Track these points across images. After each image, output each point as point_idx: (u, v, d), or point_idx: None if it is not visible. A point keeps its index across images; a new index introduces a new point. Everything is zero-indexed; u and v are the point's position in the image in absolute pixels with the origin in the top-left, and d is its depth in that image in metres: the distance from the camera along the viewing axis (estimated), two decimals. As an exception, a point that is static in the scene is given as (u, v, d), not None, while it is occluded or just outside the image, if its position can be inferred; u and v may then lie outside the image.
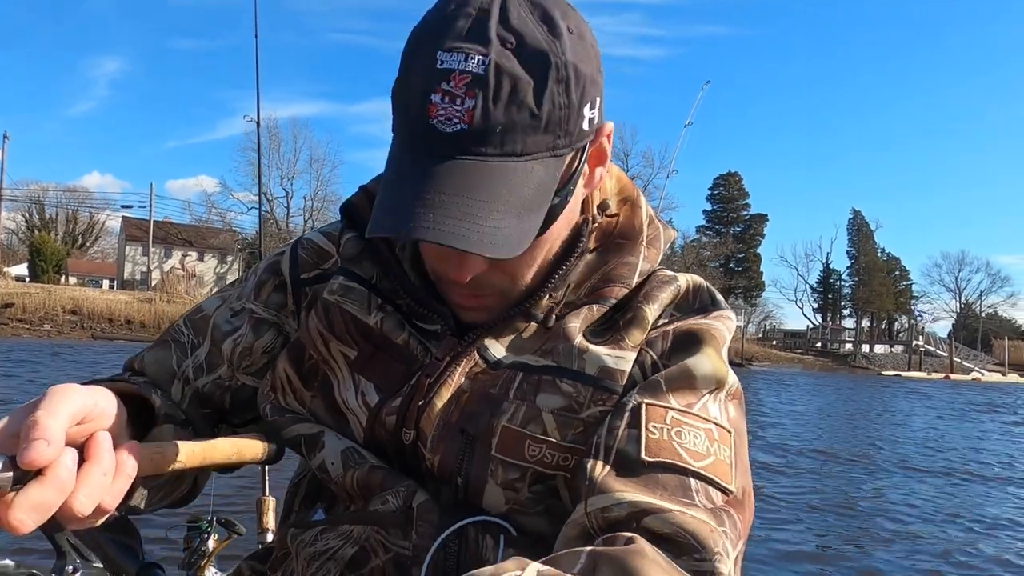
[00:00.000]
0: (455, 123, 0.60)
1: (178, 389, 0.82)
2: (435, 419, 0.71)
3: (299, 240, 0.88)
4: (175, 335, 0.86)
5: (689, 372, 0.68)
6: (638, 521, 0.58)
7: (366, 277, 0.79)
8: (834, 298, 63.92)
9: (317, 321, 0.78)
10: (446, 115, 0.60)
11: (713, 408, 0.67)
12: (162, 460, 0.60)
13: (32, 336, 24.40)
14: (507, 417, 0.70)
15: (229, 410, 0.85)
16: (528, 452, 0.69)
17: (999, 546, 5.12)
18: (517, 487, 0.69)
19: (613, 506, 0.59)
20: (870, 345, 56.48)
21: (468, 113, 0.60)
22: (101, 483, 0.52)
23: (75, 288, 34.01)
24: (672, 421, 0.65)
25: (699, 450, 0.63)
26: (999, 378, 44.92)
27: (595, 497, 0.60)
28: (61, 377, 10.84)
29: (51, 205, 53.40)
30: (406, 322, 0.77)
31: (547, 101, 0.62)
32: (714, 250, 57.38)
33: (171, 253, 50.41)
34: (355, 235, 0.81)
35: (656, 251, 0.79)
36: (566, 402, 0.70)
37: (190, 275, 43.09)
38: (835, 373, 41.53)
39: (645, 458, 0.62)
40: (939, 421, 14.64)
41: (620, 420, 0.65)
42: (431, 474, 0.72)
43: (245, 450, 0.69)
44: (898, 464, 8.51)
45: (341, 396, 0.76)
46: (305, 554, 0.71)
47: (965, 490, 7.11)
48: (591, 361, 0.71)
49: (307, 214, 49.09)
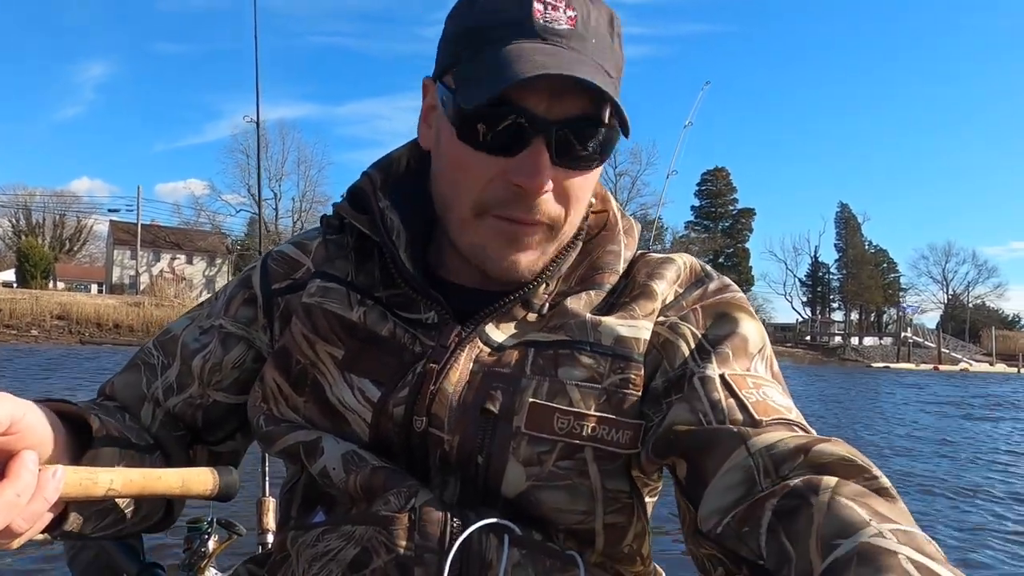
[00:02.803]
0: (562, 23, 0.68)
1: (148, 411, 0.82)
2: (448, 403, 0.71)
3: (269, 253, 0.88)
4: (145, 357, 0.85)
5: (744, 339, 0.73)
6: (806, 453, 0.59)
7: (341, 276, 0.80)
8: (823, 291, 64.16)
9: (300, 325, 0.78)
10: (552, 18, 0.67)
11: (761, 366, 0.73)
12: (92, 486, 0.57)
13: (19, 342, 24.18)
14: (531, 392, 0.71)
15: (203, 428, 0.84)
16: (557, 425, 0.70)
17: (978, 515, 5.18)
18: (543, 460, 0.70)
19: (777, 443, 0.61)
20: (859, 337, 56.72)
21: (571, 20, 0.68)
22: (12, 503, 0.50)
23: (63, 293, 33.68)
24: (754, 384, 0.69)
25: (786, 404, 0.69)
26: (987, 368, 45.28)
27: (752, 440, 0.62)
28: (41, 384, 10.73)
29: (38, 210, 53.03)
30: (388, 313, 0.77)
31: (614, 49, 0.71)
32: (703, 245, 57.47)
33: (159, 256, 49.94)
34: (336, 237, 0.83)
35: (633, 240, 0.83)
36: (588, 373, 0.72)
37: (179, 278, 42.81)
38: (825, 366, 41.70)
39: (762, 418, 0.65)
40: (921, 407, 14.76)
41: (716, 393, 0.68)
42: (445, 460, 0.72)
43: (192, 483, 0.66)
44: (884, 446, 8.58)
45: (336, 396, 0.75)
46: (306, 556, 0.71)
47: (939, 466, 7.18)
48: (606, 333, 0.74)
49: (296, 215, 48.91)
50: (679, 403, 0.69)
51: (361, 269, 0.81)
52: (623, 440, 0.71)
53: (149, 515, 0.78)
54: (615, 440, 0.71)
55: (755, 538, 0.56)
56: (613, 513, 0.74)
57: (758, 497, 0.58)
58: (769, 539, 0.55)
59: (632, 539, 0.77)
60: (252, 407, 0.82)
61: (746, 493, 0.60)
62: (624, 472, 0.74)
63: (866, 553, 0.47)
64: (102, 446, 0.67)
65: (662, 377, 0.73)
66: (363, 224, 0.80)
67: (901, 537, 0.48)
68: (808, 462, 0.58)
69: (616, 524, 0.74)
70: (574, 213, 0.75)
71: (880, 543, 0.47)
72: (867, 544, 0.47)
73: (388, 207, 0.80)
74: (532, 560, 0.67)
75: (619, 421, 0.71)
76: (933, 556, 0.47)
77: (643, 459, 0.71)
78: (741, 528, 0.58)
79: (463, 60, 0.70)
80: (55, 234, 53.23)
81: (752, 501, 0.58)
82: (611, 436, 0.71)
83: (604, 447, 0.71)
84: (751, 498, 0.59)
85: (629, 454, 0.72)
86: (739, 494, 0.60)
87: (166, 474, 0.64)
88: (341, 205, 0.83)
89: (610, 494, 0.73)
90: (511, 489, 0.71)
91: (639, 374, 0.73)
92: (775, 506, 0.56)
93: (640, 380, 0.73)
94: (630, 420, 0.72)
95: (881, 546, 0.47)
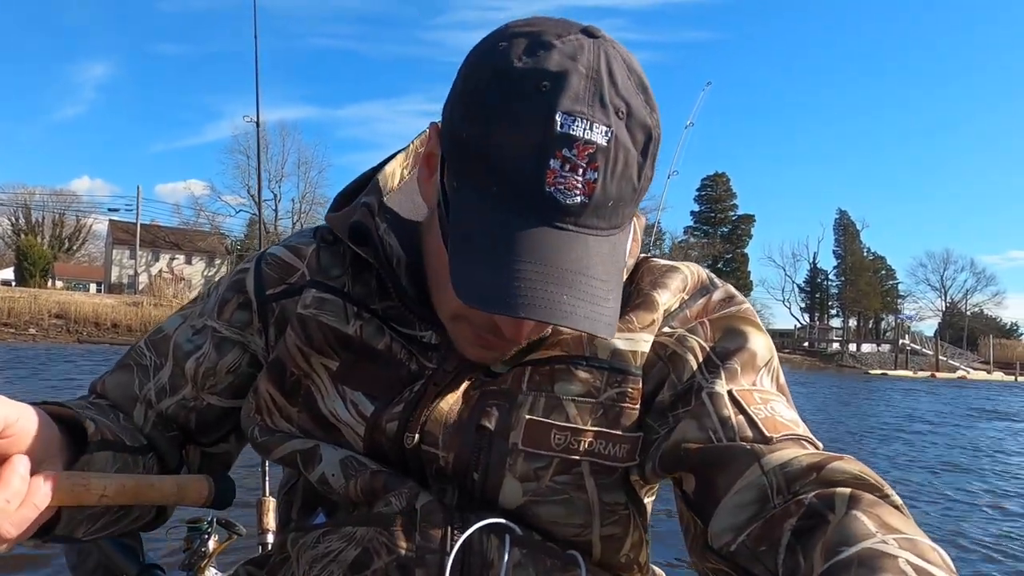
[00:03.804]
0: (575, 195, 0.57)
1: (140, 412, 0.80)
2: (443, 420, 0.71)
3: (263, 255, 0.85)
4: (136, 358, 0.84)
5: (752, 354, 0.73)
6: (819, 471, 0.58)
7: (337, 286, 0.79)
8: (821, 298, 64.16)
9: (295, 337, 0.77)
10: (566, 185, 0.57)
11: (767, 379, 0.72)
12: (85, 492, 0.56)
13: (17, 340, 24.16)
14: (528, 408, 0.70)
15: (196, 430, 0.83)
16: (554, 441, 0.70)
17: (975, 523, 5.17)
18: (540, 475, 0.70)
19: (791, 461, 0.60)
20: (857, 344, 56.72)
21: (589, 185, 0.57)
22: (2, 509, 0.50)
23: (61, 292, 33.67)
24: (762, 399, 0.69)
25: (793, 418, 0.68)
26: (985, 376, 45.31)
27: (765, 459, 0.61)
28: (36, 382, 10.69)
29: (38, 209, 52.95)
30: (385, 327, 0.76)
31: (644, 175, 0.61)
32: (702, 250, 57.48)
33: (159, 256, 49.97)
34: (331, 247, 0.82)
35: (636, 244, 0.80)
36: (584, 388, 0.71)
37: (178, 278, 42.80)
38: (823, 372, 41.71)
39: (772, 435, 0.64)
40: (916, 414, 14.77)
41: (725, 410, 0.67)
42: (440, 473, 0.72)
43: (188, 491, 0.65)
44: (880, 453, 8.59)
45: (328, 408, 0.75)
46: (307, 557, 0.70)
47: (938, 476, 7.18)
48: (603, 346, 0.73)
49: (295, 216, 48.87)
50: (688, 418, 0.69)
51: (357, 279, 0.79)
52: (620, 454, 0.71)
53: (140, 516, 0.77)
54: (612, 454, 0.71)
55: (772, 557, 0.56)
56: (610, 525, 0.74)
57: (773, 515, 0.58)
58: (787, 557, 0.55)
59: (629, 548, 0.76)
60: (246, 418, 0.81)
61: (759, 511, 0.59)
62: (621, 484, 0.73)
63: (866, 557, 0.47)
64: (97, 451, 0.65)
65: (669, 390, 0.72)
66: (367, 255, 0.77)
67: (903, 544, 0.48)
68: (821, 479, 0.58)
69: (613, 535, 0.74)
70: None
71: (881, 548, 0.47)
72: (868, 549, 0.48)
73: (386, 230, 0.78)
74: (533, 560, 0.68)
75: (616, 435, 0.71)
76: (934, 562, 0.47)
77: (648, 471, 0.71)
78: (758, 547, 0.58)
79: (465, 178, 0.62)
80: (54, 233, 53.14)
81: (767, 519, 0.58)
82: (608, 450, 0.71)
83: (601, 461, 0.71)
84: (764, 515, 0.58)
85: (626, 466, 0.72)
86: (752, 512, 0.60)
87: (161, 481, 0.63)
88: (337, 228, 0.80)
89: (607, 507, 0.73)
90: (507, 503, 0.70)
91: (636, 387, 0.73)
92: (794, 526, 0.55)
93: (638, 393, 0.73)
94: (627, 433, 0.72)
95: (881, 550, 0.47)
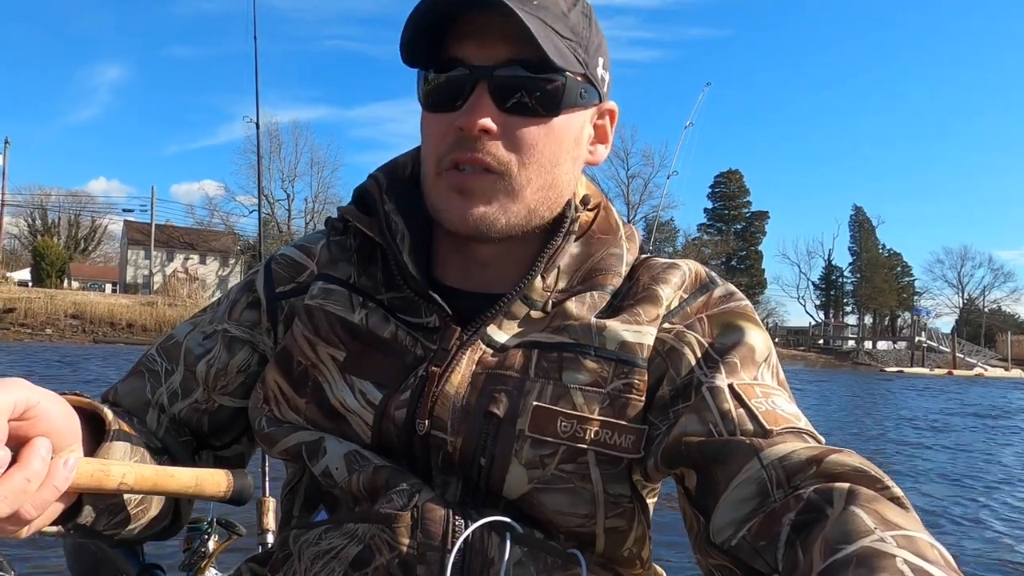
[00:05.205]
0: None
1: (153, 417, 0.81)
2: (451, 405, 0.71)
3: (273, 256, 0.88)
4: (148, 364, 0.85)
5: (751, 349, 0.73)
6: (818, 464, 0.59)
7: (344, 278, 0.80)
8: (836, 295, 63.88)
9: (302, 327, 0.79)
10: None
11: (768, 374, 0.73)
12: (104, 478, 0.56)
13: (33, 341, 24.43)
14: (536, 395, 0.71)
15: (209, 433, 0.84)
16: (560, 428, 0.70)
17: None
18: (545, 463, 0.70)
19: (790, 454, 0.61)
20: (873, 342, 56.51)
21: None
22: (22, 488, 0.50)
23: (77, 292, 34.04)
24: (763, 393, 0.69)
25: (794, 412, 0.69)
26: (1002, 373, 44.86)
27: (765, 452, 0.62)
28: (52, 382, 10.87)
29: (54, 210, 53.57)
30: (390, 315, 0.77)
31: (574, 12, 0.73)
32: (715, 248, 57.43)
33: (173, 256, 50.42)
34: (339, 239, 0.84)
35: (635, 245, 0.84)
36: (591, 377, 0.72)
37: (192, 278, 43.14)
38: (838, 370, 41.51)
39: (772, 428, 0.65)
40: (929, 413, 14.64)
41: (725, 403, 0.68)
42: (447, 462, 0.72)
43: (206, 483, 0.64)
44: (898, 455, 8.51)
45: (337, 398, 0.75)
46: (308, 554, 0.71)
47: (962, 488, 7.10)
48: (611, 337, 0.74)
49: (308, 216, 49.17)
50: (688, 413, 0.69)
51: (364, 271, 0.81)
52: (626, 444, 0.72)
53: (158, 518, 0.77)
54: (618, 444, 0.72)
55: (772, 552, 0.57)
56: (614, 517, 0.74)
57: (772, 509, 0.59)
58: (787, 552, 0.55)
59: (632, 543, 0.77)
60: (253, 408, 0.81)
61: (759, 505, 0.60)
62: (626, 476, 0.74)
63: (864, 556, 0.47)
64: (115, 440, 0.65)
65: (669, 385, 0.73)
66: (368, 226, 0.79)
67: (902, 541, 0.48)
68: (821, 473, 0.59)
69: (617, 528, 0.75)
70: (530, 165, 0.73)
71: (879, 547, 0.48)
72: (866, 547, 0.48)
73: (393, 210, 0.80)
74: (534, 558, 0.68)
75: (622, 426, 0.72)
76: (932, 560, 0.47)
77: (650, 467, 0.71)
78: (758, 542, 0.58)
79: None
80: (70, 234, 53.75)
81: (767, 513, 0.59)
82: (614, 440, 0.71)
83: (607, 451, 0.71)
84: (765, 509, 0.59)
85: (631, 458, 0.72)
86: (752, 506, 0.60)
87: (180, 472, 0.63)
88: (346, 208, 0.83)
89: (611, 498, 0.73)
90: (513, 491, 0.71)
91: (643, 379, 0.73)
92: (793, 520, 0.56)
93: (643, 385, 0.73)
94: (633, 425, 0.72)
95: (880, 549, 0.47)
